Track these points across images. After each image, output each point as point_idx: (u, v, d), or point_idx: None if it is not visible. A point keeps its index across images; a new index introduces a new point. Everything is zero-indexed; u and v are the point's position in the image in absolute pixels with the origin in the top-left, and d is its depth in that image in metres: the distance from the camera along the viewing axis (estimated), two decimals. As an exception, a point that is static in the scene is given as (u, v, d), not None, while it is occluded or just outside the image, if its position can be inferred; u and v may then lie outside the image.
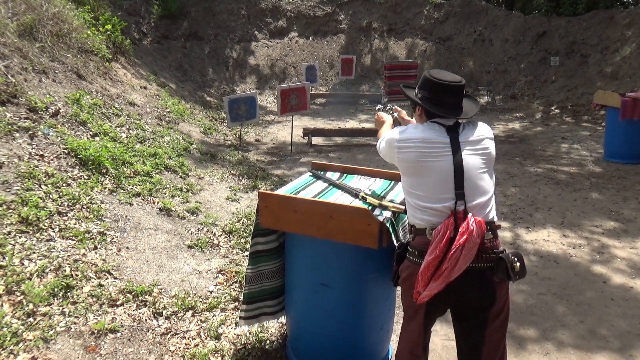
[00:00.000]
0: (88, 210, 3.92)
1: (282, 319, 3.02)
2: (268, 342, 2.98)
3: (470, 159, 1.94)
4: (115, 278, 3.34)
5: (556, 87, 12.78)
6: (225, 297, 3.41)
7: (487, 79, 14.03)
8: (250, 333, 3.01)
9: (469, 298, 1.95)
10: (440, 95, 2.01)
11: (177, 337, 2.94)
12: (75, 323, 2.82)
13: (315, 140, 9.10)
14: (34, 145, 4.27)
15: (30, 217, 3.42)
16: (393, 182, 2.89)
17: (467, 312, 2.02)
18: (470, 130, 2.01)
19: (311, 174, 3.02)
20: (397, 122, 2.63)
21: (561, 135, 9.63)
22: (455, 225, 1.86)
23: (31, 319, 2.72)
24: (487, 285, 1.92)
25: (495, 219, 1.99)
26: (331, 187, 2.78)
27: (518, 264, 1.86)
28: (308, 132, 8.91)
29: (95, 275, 3.27)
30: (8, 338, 2.52)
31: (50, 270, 3.12)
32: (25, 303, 2.78)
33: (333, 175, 3.00)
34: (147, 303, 3.17)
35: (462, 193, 1.91)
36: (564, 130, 10.15)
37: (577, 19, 13.52)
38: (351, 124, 11.17)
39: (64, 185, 4.04)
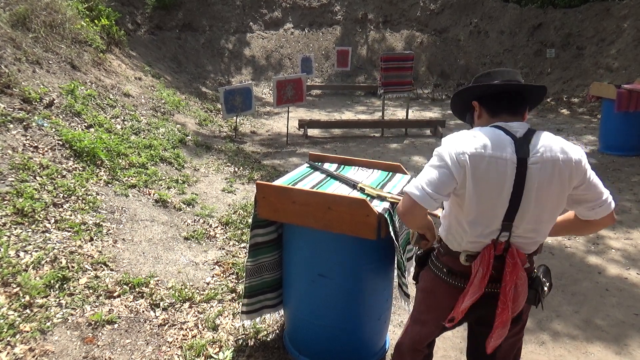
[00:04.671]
0: (83, 201, 3.90)
1: (282, 310, 3.02)
2: (266, 333, 2.99)
3: (536, 188, 1.62)
4: (111, 270, 3.33)
5: (552, 79, 12.79)
6: (222, 289, 3.41)
7: (483, 70, 14.00)
8: (248, 324, 3.01)
9: (492, 316, 1.80)
10: (506, 77, 1.79)
11: (175, 328, 2.94)
12: (72, 315, 2.81)
13: (311, 131, 9.07)
14: (28, 137, 4.24)
15: (25, 209, 3.39)
16: (391, 173, 2.89)
17: (487, 324, 1.85)
18: (546, 145, 1.65)
19: (308, 165, 3.01)
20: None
21: (557, 127, 9.65)
22: (494, 256, 1.71)
23: (28, 311, 2.71)
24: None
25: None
26: (329, 178, 2.77)
27: (547, 285, 1.81)
28: (304, 124, 8.88)
29: (92, 267, 3.26)
30: (5, 330, 2.51)
31: (46, 261, 3.10)
32: (21, 295, 2.77)
33: (331, 167, 3.00)
34: (144, 294, 3.17)
35: (510, 225, 1.67)
36: (559, 122, 10.17)
37: (573, 11, 13.50)
38: (347, 115, 11.14)
39: (59, 176, 4.01)
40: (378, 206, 2.34)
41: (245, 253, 3.94)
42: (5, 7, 5.75)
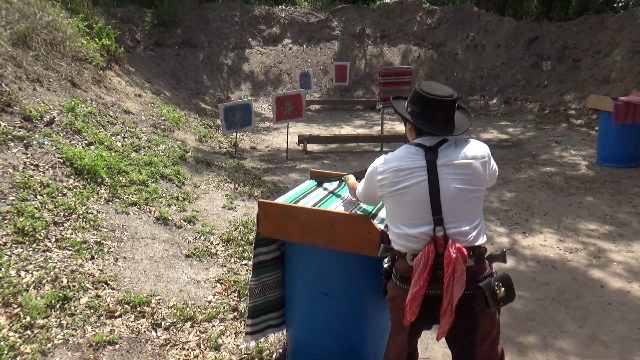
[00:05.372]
0: (84, 220, 3.89)
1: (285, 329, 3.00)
2: (269, 352, 2.96)
3: (450, 183, 1.86)
4: (112, 289, 3.31)
5: (549, 92, 12.88)
6: (224, 307, 3.39)
7: (481, 84, 14.12)
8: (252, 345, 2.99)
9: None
10: (430, 110, 1.94)
11: (177, 349, 2.91)
12: (73, 335, 2.79)
13: (311, 147, 9.10)
14: (28, 155, 4.24)
15: (26, 228, 3.38)
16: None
17: (452, 333, 1.94)
18: (453, 151, 1.93)
19: (312, 181, 3.02)
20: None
21: (555, 139, 9.70)
22: (436, 252, 1.84)
23: (29, 332, 2.69)
24: (467, 312, 1.87)
25: (482, 241, 1.91)
26: (332, 195, 2.78)
27: (502, 289, 1.81)
28: (303, 139, 8.91)
29: (93, 286, 3.24)
30: (5, 352, 2.49)
31: (47, 281, 3.09)
32: (22, 315, 2.75)
33: (332, 183, 3.00)
34: (146, 314, 3.15)
35: (440, 218, 1.86)
36: (557, 134, 10.22)
37: (568, 24, 13.66)
38: (346, 129, 11.19)
39: (60, 195, 4.01)
40: (380, 223, 2.34)
41: (247, 270, 3.93)
42: (6, 25, 5.80)
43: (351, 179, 2.62)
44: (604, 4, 15.60)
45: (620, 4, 16.62)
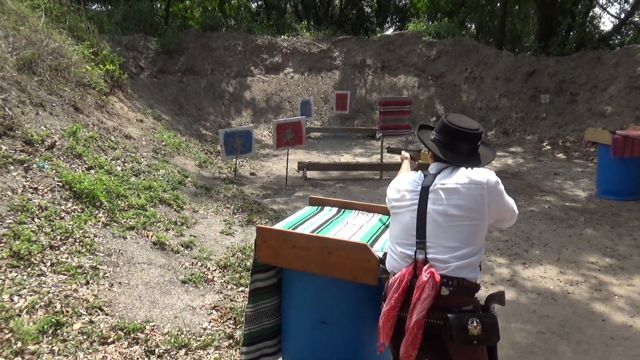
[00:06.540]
0: (81, 244, 3.86)
1: (281, 358, 2.94)
2: (263, 382, 2.89)
3: (435, 207, 1.88)
4: (106, 314, 3.26)
5: (547, 124, 13.00)
6: (219, 335, 3.33)
7: (479, 115, 14.26)
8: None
9: (424, 349, 1.86)
10: (454, 140, 1.99)
11: (170, 377, 2.85)
12: (64, 362, 2.73)
13: (310, 174, 9.12)
14: (28, 178, 4.24)
15: (21, 251, 3.35)
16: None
17: None
18: (447, 175, 1.94)
19: (311, 207, 3.01)
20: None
21: (554, 171, 9.73)
22: (414, 274, 1.86)
23: (19, 358, 2.63)
24: (436, 342, 1.82)
25: (468, 275, 1.84)
26: (331, 220, 2.77)
27: (478, 327, 1.73)
28: (303, 166, 8.94)
29: (86, 312, 3.19)
30: (-6, 378, 2.44)
31: (40, 306, 3.04)
32: (13, 341, 2.70)
33: (331, 211, 2.99)
34: (139, 341, 3.09)
35: (423, 242, 1.88)
36: (556, 166, 10.26)
37: (566, 59, 13.88)
38: (346, 157, 11.24)
39: (57, 218, 3.99)
40: (379, 251, 2.32)
41: (244, 297, 3.88)
42: (12, 51, 5.89)
43: (404, 165, 2.73)
44: (600, 41, 15.91)
45: (616, 41, 16.96)
